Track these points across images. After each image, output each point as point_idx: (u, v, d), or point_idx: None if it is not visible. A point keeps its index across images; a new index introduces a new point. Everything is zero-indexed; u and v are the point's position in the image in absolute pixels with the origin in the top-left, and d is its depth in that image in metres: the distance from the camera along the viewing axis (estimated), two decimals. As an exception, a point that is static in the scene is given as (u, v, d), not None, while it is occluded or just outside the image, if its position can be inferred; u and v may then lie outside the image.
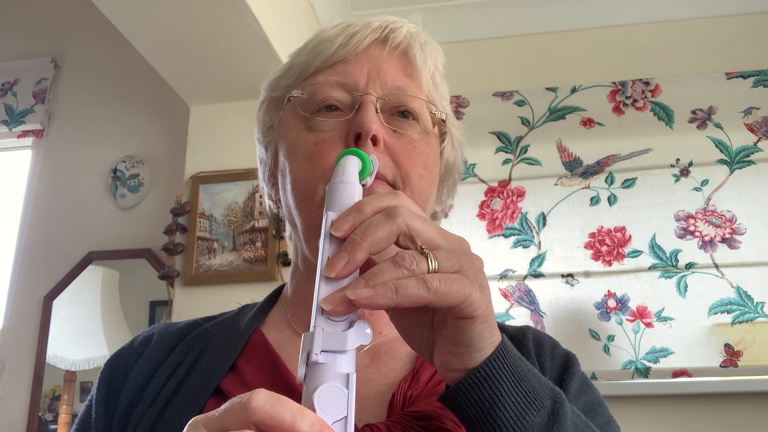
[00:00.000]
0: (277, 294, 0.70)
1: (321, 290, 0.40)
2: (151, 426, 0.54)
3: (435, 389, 0.55)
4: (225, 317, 0.67)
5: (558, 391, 0.46)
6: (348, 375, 0.37)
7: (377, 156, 0.56)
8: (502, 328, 0.65)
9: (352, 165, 0.49)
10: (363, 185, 0.49)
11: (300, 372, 0.38)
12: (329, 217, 0.43)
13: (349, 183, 0.46)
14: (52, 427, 1.97)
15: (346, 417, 0.36)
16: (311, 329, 0.39)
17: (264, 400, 0.33)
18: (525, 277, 1.92)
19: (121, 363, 0.62)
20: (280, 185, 0.64)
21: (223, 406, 0.34)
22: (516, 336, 0.63)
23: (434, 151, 0.63)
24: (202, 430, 0.34)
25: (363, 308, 0.39)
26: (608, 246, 1.91)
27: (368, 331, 0.40)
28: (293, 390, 0.54)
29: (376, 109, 0.58)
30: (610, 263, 1.89)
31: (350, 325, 0.39)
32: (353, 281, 0.40)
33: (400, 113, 0.61)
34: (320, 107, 0.60)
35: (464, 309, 0.40)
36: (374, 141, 0.57)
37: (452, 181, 0.70)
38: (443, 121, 0.64)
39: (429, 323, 0.46)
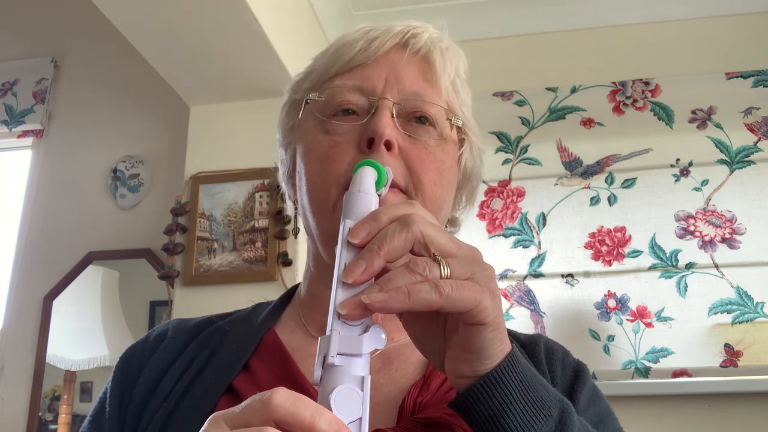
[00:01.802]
0: (291, 293, 0.70)
1: (338, 295, 0.41)
2: (164, 421, 0.55)
3: (445, 396, 0.55)
4: (239, 315, 0.68)
5: (566, 401, 0.47)
6: (363, 378, 0.38)
7: (390, 161, 0.56)
8: (514, 336, 0.65)
9: (368, 175, 0.50)
10: (378, 195, 0.50)
11: (316, 374, 0.39)
12: (346, 225, 0.44)
13: (366, 193, 0.48)
14: (52, 427, 1.97)
15: (361, 418, 0.37)
16: (328, 333, 0.40)
17: (285, 398, 0.33)
18: (525, 277, 1.92)
19: (135, 357, 0.62)
20: (297, 187, 0.65)
21: (243, 403, 0.35)
22: (528, 344, 0.63)
23: (450, 157, 0.62)
24: (222, 425, 0.34)
25: (378, 312, 0.40)
26: (608, 246, 1.91)
27: (383, 336, 0.41)
28: (305, 391, 0.54)
29: (392, 114, 0.58)
30: (610, 263, 1.89)
31: (366, 330, 0.40)
32: (368, 287, 0.41)
33: (416, 119, 0.60)
34: (337, 111, 0.60)
35: (475, 315, 0.41)
36: (388, 146, 0.57)
37: (470, 188, 0.69)
38: (459, 127, 0.64)
39: (441, 331, 0.46)
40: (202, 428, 0.35)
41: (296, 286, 0.71)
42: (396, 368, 0.60)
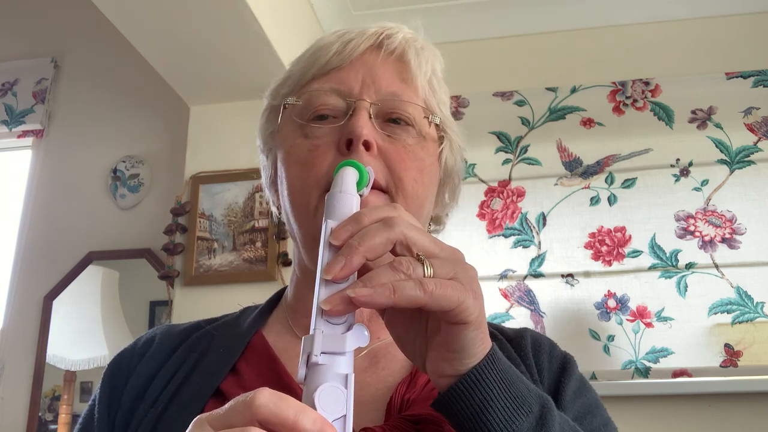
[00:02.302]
0: (278, 297, 0.71)
1: (320, 294, 0.41)
2: (152, 426, 0.55)
3: (432, 393, 0.55)
4: (226, 319, 0.68)
5: (546, 397, 0.47)
6: (347, 375, 0.39)
7: (370, 160, 0.56)
8: (501, 331, 0.66)
9: (349, 175, 0.50)
10: (360, 195, 0.51)
11: (300, 373, 0.39)
12: (328, 225, 0.45)
13: (348, 193, 0.48)
14: (52, 427, 1.97)
15: (345, 416, 0.37)
16: (311, 332, 0.40)
17: (268, 398, 0.34)
18: (525, 277, 1.92)
19: (124, 364, 0.63)
20: (279, 192, 0.65)
21: (227, 404, 0.35)
22: (514, 338, 0.64)
23: (430, 155, 0.63)
24: (206, 427, 0.35)
25: (362, 307, 0.40)
26: (608, 246, 1.91)
27: (366, 333, 0.41)
28: (293, 393, 0.54)
29: (370, 115, 0.59)
30: (610, 263, 1.89)
31: (349, 328, 0.41)
32: (352, 282, 0.41)
33: (394, 119, 0.61)
34: (315, 114, 0.61)
35: (458, 314, 0.42)
36: (367, 146, 0.57)
37: (452, 185, 0.70)
38: (438, 125, 0.64)
39: (423, 330, 0.47)
40: (187, 431, 0.35)
41: (283, 290, 0.71)
42: (383, 367, 0.60)
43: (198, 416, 0.35)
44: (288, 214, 0.62)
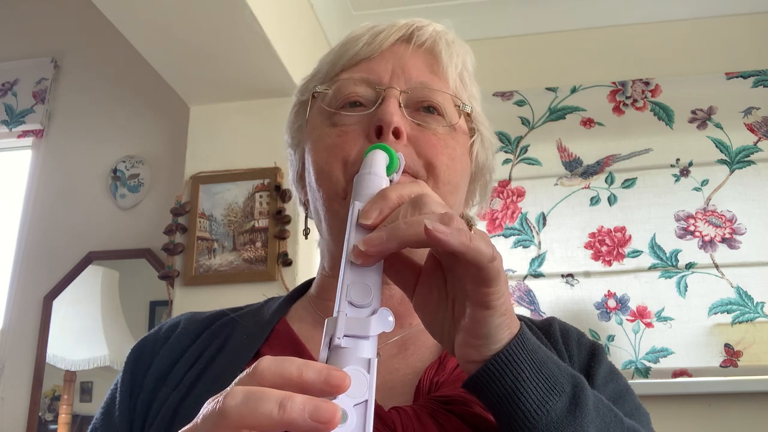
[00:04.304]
0: (302, 289, 0.71)
1: (351, 239, 0.41)
2: (174, 408, 0.55)
3: (462, 376, 0.55)
4: (251, 308, 0.68)
5: (578, 376, 0.47)
6: (369, 360, 0.38)
7: (400, 148, 0.56)
8: (529, 319, 0.66)
9: (379, 158, 0.49)
10: (390, 180, 0.50)
11: (322, 355, 0.38)
12: (356, 206, 0.44)
13: (377, 175, 0.47)
14: (52, 427, 1.97)
15: (367, 400, 0.36)
16: (335, 314, 0.40)
17: (269, 363, 0.34)
18: (525, 277, 1.92)
19: (147, 348, 0.62)
20: (306, 183, 0.64)
21: (233, 382, 0.35)
22: (543, 327, 0.64)
23: (461, 146, 0.62)
24: None
25: (434, 241, 0.39)
26: (608, 246, 1.91)
27: (391, 318, 0.40)
28: None
29: (400, 103, 0.58)
30: (610, 263, 1.89)
31: (373, 312, 0.40)
32: (433, 215, 0.41)
33: (424, 108, 0.60)
34: (344, 103, 0.60)
35: (488, 295, 0.42)
36: (396, 134, 0.56)
37: (484, 182, 0.69)
38: (469, 114, 0.64)
39: (450, 314, 0.46)
40: (199, 413, 0.35)
41: (308, 282, 0.71)
42: (412, 353, 0.59)
43: (208, 400, 0.35)
44: (315, 199, 0.61)
